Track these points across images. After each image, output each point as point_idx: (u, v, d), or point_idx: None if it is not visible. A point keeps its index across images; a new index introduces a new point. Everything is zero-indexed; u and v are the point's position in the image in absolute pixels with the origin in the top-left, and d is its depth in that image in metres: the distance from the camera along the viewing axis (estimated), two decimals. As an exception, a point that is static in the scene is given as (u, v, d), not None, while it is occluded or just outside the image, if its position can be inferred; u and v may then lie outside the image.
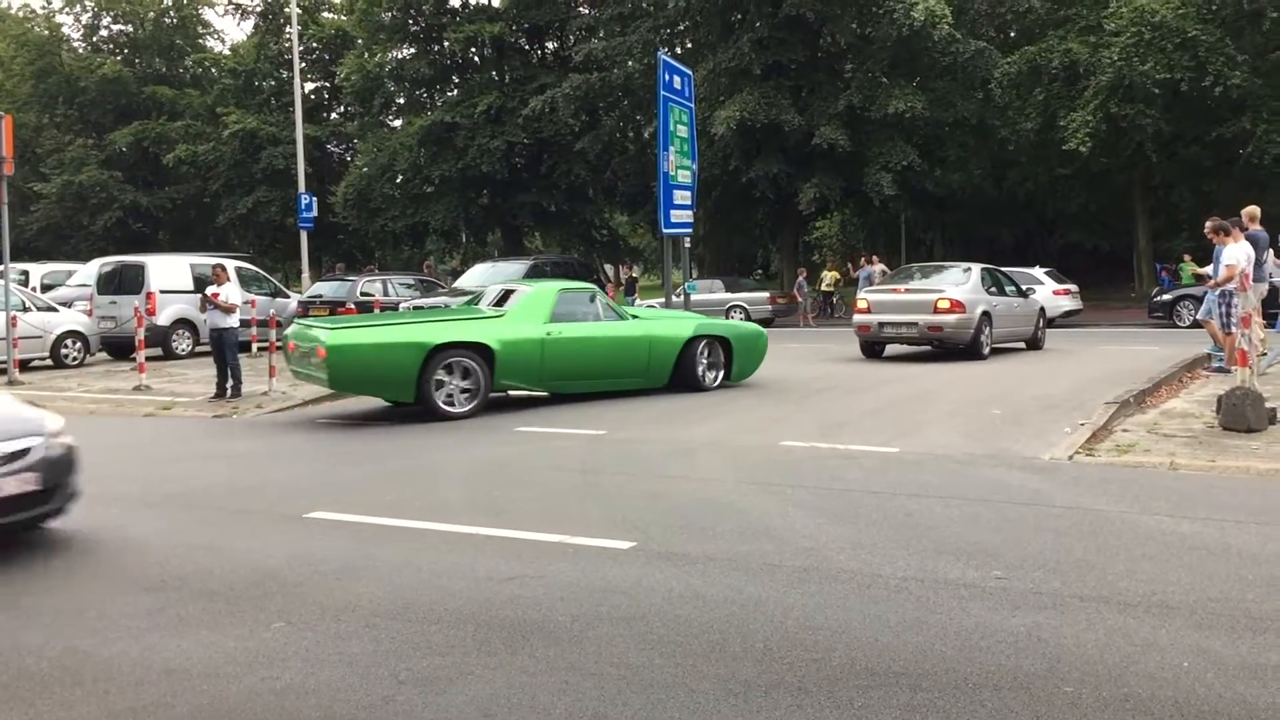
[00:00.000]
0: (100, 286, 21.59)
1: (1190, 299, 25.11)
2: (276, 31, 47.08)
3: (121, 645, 5.17)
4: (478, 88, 39.24)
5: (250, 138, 44.04)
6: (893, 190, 31.83)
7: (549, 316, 13.51)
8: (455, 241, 47.30)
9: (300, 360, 12.94)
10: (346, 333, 12.29)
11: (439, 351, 12.35)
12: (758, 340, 15.44)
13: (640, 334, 14.31)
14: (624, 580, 5.98)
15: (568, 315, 13.72)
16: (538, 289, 14.30)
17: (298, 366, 13.16)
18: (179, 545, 7.04)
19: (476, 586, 5.93)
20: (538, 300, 13.75)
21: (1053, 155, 34.27)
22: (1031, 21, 34.25)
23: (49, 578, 6.37)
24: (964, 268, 19.36)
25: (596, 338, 13.88)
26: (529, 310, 13.54)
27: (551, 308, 13.61)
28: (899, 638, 4.99)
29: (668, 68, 22.33)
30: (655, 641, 5.02)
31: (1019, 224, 41.79)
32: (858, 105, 31.88)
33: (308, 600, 5.77)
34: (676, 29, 37.35)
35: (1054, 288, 26.90)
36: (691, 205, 23.50)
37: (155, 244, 46.50)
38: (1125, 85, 29.44)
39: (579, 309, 14.01)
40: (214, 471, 9.72)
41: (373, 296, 21.21)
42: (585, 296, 14.34)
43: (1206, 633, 4.99)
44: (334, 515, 7.73)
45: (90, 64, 48.18)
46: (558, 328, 13.45)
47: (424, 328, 12.76)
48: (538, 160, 39.70)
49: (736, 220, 40.98)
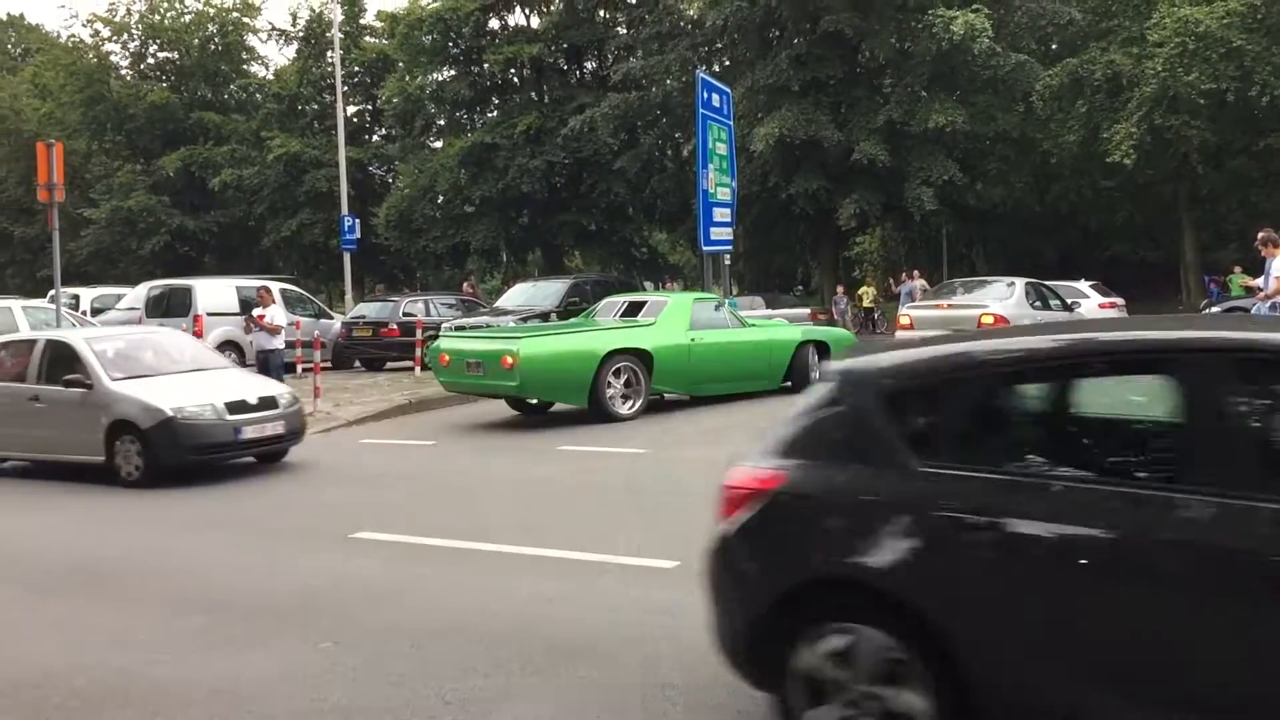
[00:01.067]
0: (149, 309, 21.86)
1: (1239, 311, 24.74)
2: (319, 56, 47.62)
3: (170, 666, 5.23)
4: (517, 108, 39.44)
5: (294, 161, 44.49)
6: (934, 205, 31.57)
7: (689, 324, 14.53)
8: (496, 261, 47.53)
9: (456, 371, 13.72)
10: (532, 341, 13.24)
11: (610, 357, 13.30)
12: (848, 344, 16.17)
13: (763, 339, 15.63)
14: (667, 600, 5.96)
15: (703, 323, 14.76)
16: (676, 299, 15.60)
17: (451, 377, 14.02)
18: (227, 566, 7.11)
19: (520, 607, 5.94)
20: (679, 309, 14.80)
21: (1096, 168, 33.89)
22: (1073, 33, 33.94)
23: (100, 599, 6.45)
24: (1008, 282, 19.18)
25: (730, 343, 14.99)
26: (675, 319, 14.50)
27: (690, 316, 14.65)
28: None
29: (706, 86, 22.36)
30: (700, 662, 4.98)
31: (1062, 237, 41.35)
32: (897, 120, 31.70)
33: (354, 620, 5.80)
34: (714, 47, 37.30)
35: (1100, 301, 26.56)
36: (731, 222, 23.48)
37: (202, 267, 46.99)
38: (1170, 96, 29.06)
39: (710, 317, 15.10)
40: (259, 492, 9.82)
41: (415, 317, 21.32)
42: (713, 305, 15.67)
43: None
44: (379, 536, 7.77)
45: (138, 91, 48.90)
46: (698, 334, 14.48)
47: (594, 335, 13.79)
48: (577, 179, 39.82)
49: (776, 237, 40.84)
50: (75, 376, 10.47)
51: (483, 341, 13.97)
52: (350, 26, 46.40)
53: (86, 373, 10.43)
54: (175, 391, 10.34)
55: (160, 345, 11.78)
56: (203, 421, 10.03)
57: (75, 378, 10.46)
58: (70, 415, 10.51)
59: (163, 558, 7.44)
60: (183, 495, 9.80)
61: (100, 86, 49.15)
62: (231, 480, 10.53)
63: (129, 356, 11.12)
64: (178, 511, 9.04)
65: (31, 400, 10.80)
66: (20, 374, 11.10)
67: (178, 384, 10.57)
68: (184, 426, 9.93)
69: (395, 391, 17.36)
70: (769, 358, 15.34)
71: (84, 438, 10.35)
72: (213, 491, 9.92)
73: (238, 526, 8.39)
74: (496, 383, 13.25)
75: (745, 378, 15.04)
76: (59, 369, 10.74)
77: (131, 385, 10.42)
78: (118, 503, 9.70)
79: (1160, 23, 29.17)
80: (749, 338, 15.42)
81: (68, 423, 10.55)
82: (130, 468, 10.13)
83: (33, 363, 10.99)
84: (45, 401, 10.72)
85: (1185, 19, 28.25)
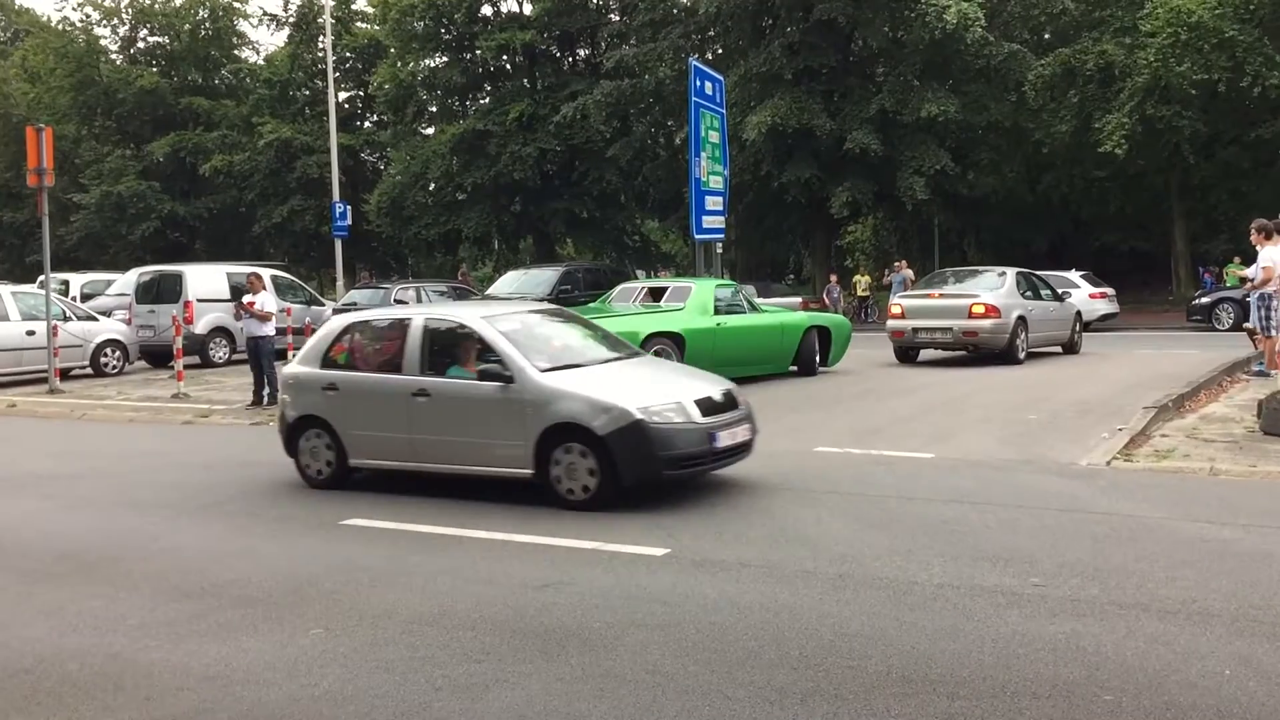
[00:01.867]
0: (139, 296, 21.82)
1: (1229, 302, 24.82)
2: (310, 41, 47.45)
3: (163, 651, 5.24)
4: (509, 95, 39.39)
5: (285, 147, 44.39)
6: (925, 194, 31.64)
7: (714, 309, 15.21)
8: (488, 248, 47.47)
9: None
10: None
11: (649, 339, 13.62)
12: (847, 330, 17.59)
13: (777, 323, 16.38)
14: (658, 587, 5.99)
15: (725, 308, 15.47)
16: (700, 284, 16.03)
17: None
18: (218, 552, 7.11)
19: (512, 593, 5.96)
20: (704, 294, 15.39)
21: (1088, 158, 33.93)
22: (1065, 23, 33.94)
23: (91, 585, 6.45)
24: (999, 272, 19.20)
25: (751, 326, 15.78)
26: (701, 303, 15.16)
27: (714, 301, 15.33)
28: (936, 645, 4.96)
29: (699, 73, 22.32)
30: (690, 649, 5.02)
31: (1053, 227, 41.42)
32: (890, 109, 31.73)
33: (345, 607, 5.81)
34: (707, 35, 37.28)
35: (1090, 291, 26.62)
36: (723, 211, 23.45)
37: (192, 253, 46.90)
38: (1161, 86, 29.11)
39: (730, 302, 15.85)
40: (251, 479, 9.81)
41: (407, 305, 21.29)
42: (732, 291, 16.49)
43: (1249, 640, 4.94)
44: (370, 522, 7.79)
45: (128, 76, 48.69)
46: (722, 318, 15.20)
47: (632, 319, 14.29)
48: (569, 167, 39.78)
49: (769, 225, 40.87)
50: (492, 366, 8.30)
51: None
52: (342, 12, 46.23)
53: (504, 361, 8.30)
54: (623, 386, 8.30)
55: (555, 329, 9.56)
56: (675, 426, 7.91)
57: (492, 368, 8.29)
58: (480, 416, 8.34)
59: (152, 543, 7.44)
60: (171, 481, 9.79)
61: (90, 71, 48.92)
62: (220, 466, 10.52)
63: (541, 340, 8.99)
64: (165, 496, 9.03)
65: (417, 396, 8.57)
66: (392, 363, 8.94)
67: (612, 376, 8.59)
68: (657, 432, 7.79)
69: (386, 378, 17.31)
70: (782, 341, 16.11)
71: (502, 445, 8.24)
72: (202, 478, 9.91)
73: (227, 513, 8.39)
74: None
75: (762, 360, 15.70)
76: (449, 356, 8.76)
77: (566, 378, 8.33)
78: (104, 489, 9.69)
79: (1153, 13, 29.20)
80: (766, 322, 16.22)
81: (475, 425, 8.39)
82: (575, 484, 7.95)
83: (410, 349, 8.77)
84: (439, 398, 8.53)
85: (1178, 9, 28.27)
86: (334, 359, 9.36)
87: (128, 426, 14.08)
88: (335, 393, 9.05)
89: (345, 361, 9.33)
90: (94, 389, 17.65)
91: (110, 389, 17.57)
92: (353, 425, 8.95)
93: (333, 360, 9.34)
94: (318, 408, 9.12)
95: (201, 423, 13.95)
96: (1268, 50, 28.14)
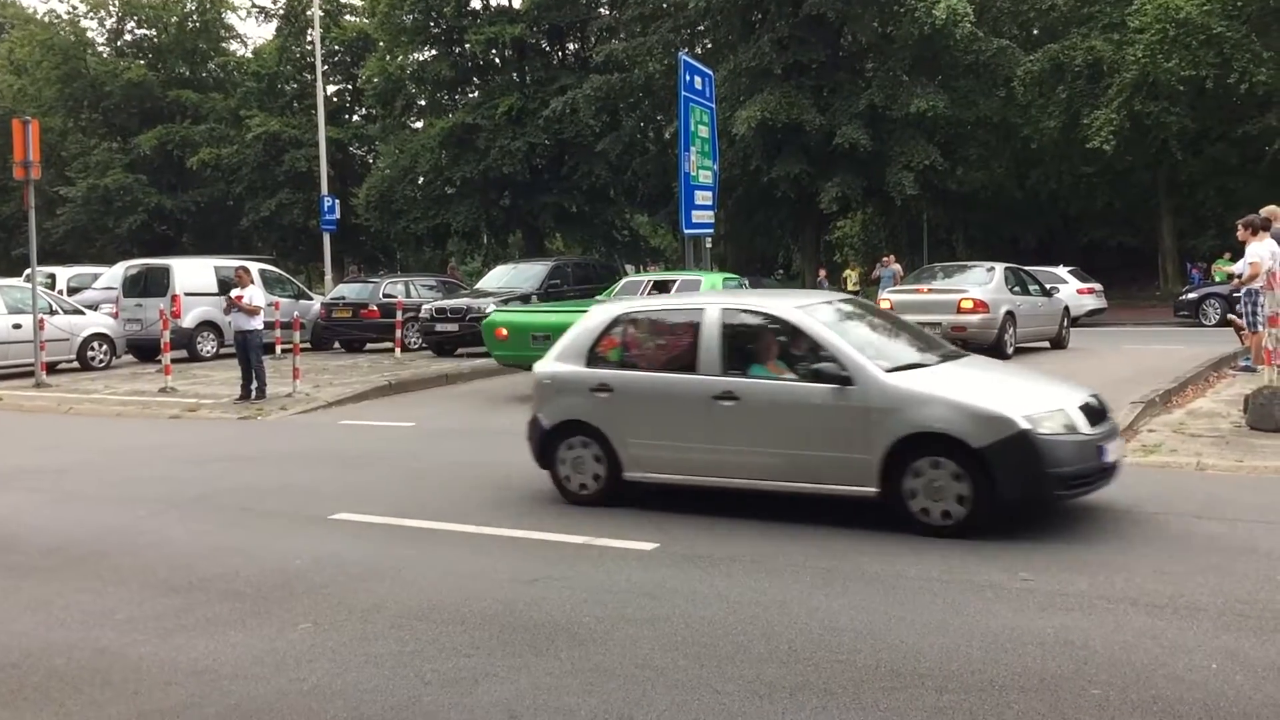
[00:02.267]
0: (126, 289, 21.72)
1: (1216, 297, 24.92)
2: (298, 34, 47.30)
3: (151, 646, 5.22)
4: (499, 89, 39.31)
5: (273, 140, 44.23)
6: (915, 190, 31.70)
7: None
8: (476, 243, 47.40)
9: (517, 344, 14.00)
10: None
11: None
12: None
13: None
14: (648, 581, 5.99)
15: None
16: (709, 277, 16.70)
17: (510, 350, 14.29)
18: (206, 547, 7.09)
19: (501, 588, 5.95)
20: (715, 287, 16.04)
21: (1076, 153, 34.03)
22: (1054, 19, 34.04)
23: (78, 579, 6.43)
24: (987, 267, 19.25)
25: None
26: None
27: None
28: (924, 639, 4.97)
29: (688, 68, 22.32)
30: (680, 643, 5.02)
31: (1042, 223, 41.54)
32: (879, 104, 31.76)
33: (334, 601, 5.80)
34: (697, 29, 37.26)
35: (1078, 286, 26.72)
36: (713, 205, 23.48)
37: (179, 247, 46.74)
38: (1149, 82, 29.21)
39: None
40: (239, 473, 9.78)
41: (395, 298, 21.25)
42: (736, 284, 17.11)
43: (1235, 634, 4.96)
44: (359, 517, 7.77)
45: (115, 68, 48.45)
46: None
47: None
48: (559, 161, 39.73)
49: (758, 220, 40.91)
50: (825, 365, 7.20)
51: (551, 315, 14.35)
52: (330, 4, 46.05)
53: (839, 359, 7.17)
54: (991, 389, 7.26)
55: (866, 322, 8.29)
56: (1064, 438, 6.76)
57: (826, 367, 7.18)
58: (808, 425, 7.23)
59: (139, 538, 7.41)
60: (159, 476, 9.76)
61: (76, 63, 48.64)
62: (209, 461, 10.49)
63: (863, 336, 7.80)
64: (153, 491, 9.00)
65: (721, 400, 7.38)
66: (682, 360, 7.78)
67: (967, 377, 7.50)
68: (1046, 445, 6.64)
69: (375, 373, 17.32)
70: None
71: (837, 458, 7.11)
72: (190, 473, 9.88)
73: (216, 507, 8.37)
74: None
75: None
76: (751, 353, 7.68)
77: (917, 379, 7.20)
78: (92, 483, 9.65)
79: (1141, 9, 29.27)
80: None
81: (800, 435, 7.24)
82: (936, 506, 6.81)
83: (706, 344, 7.59)
84: (750, 403, 7.35)
85: (1166, 6, 28.36)
86: (603, 356, 8.18)
87: (115, 421, 14.03)
88: (608, 395, 7.86)
89: (619, 359, 8.17)
90: (81, 383, 17.58)
91: (97, 383, 17.50)
92: (632, 433, 7.77)
93: (601, 357, 8.17)
94: (584, 412, 7.96)
95: (189, 417, 13.90)
96: (1255, 47, 28.24)
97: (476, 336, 19.52)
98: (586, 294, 20.78)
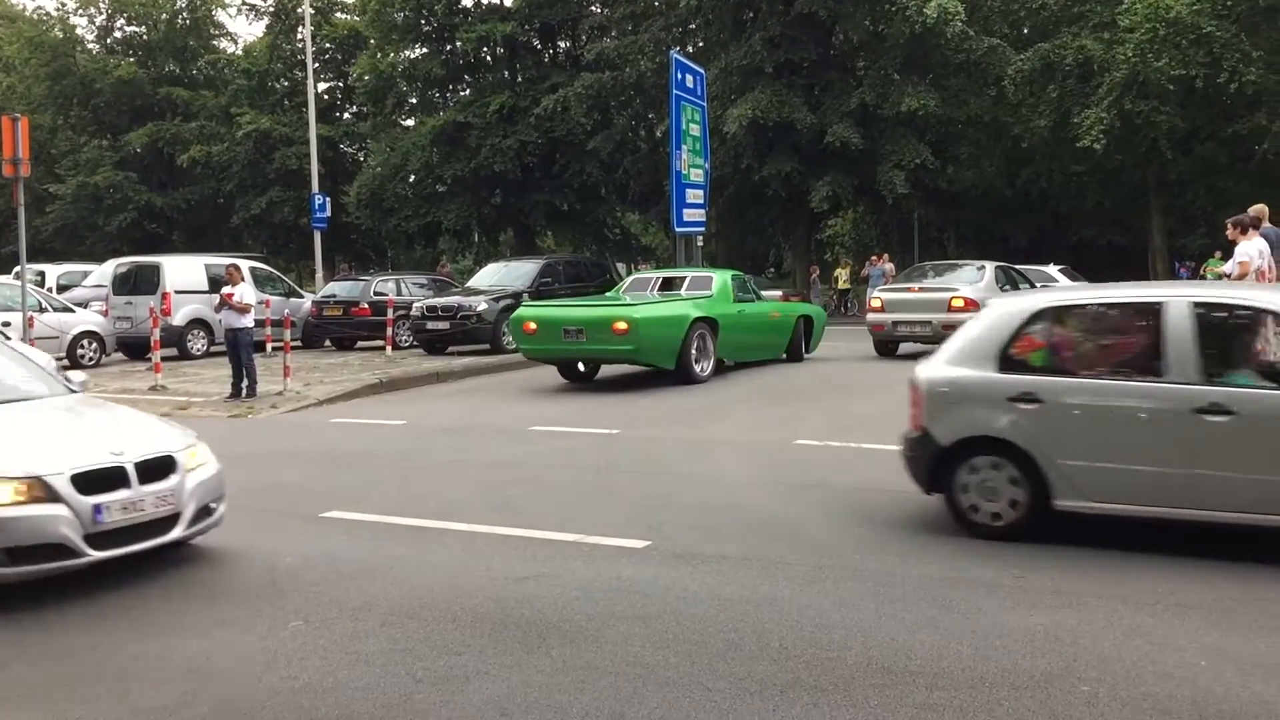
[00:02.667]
0: (116, 287, 21.65)
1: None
2: (289, 32, 47.19)
3: (142, 644, 5.21)
4: (490, 87, 39.28)
5: (264, 138, 44.13)
6: (906, 188, 31.75)
7: (734, 296, 16.08)
8: (468, 241, 47.35)
9: (546, 339, 14.62)
10: (640, 309, 14.43)
11: (694, 324, 14.71)
12: (824, 319, 18.92)
13: (781, 311, 17.83)
14: (639, 579, 5.99)
15: (741, 296, 16.37)
16: (720, 274, 16.80)
17: (538, 344, 14.88)
18: (197, 545, 7.07)
19: (492, 585, 5.95)
20: (725, 282, 16.27)
21: (1066, 152, 34.08)
22: (1045, 18, 34.08)
23: (68, 577, 6.40)
24: (978, 266, 19.29)
25: (762, 313, 16.91)
26: (725, 291, 16.03)
27: (733, 289, 16.23)
28: (915, 636, 4.99)
29: (680, 66, 22.34)
30: (671, 640, 5.03)
31: (1032, 221, 41.65)
32: (870, 103, 31.80)
33: (325, 599, 5.80)
34: (688, 27, 37.25)
35: (1068, 285, 26.80)
36: (704, 204, 23.50)
37: (170, 244, 46.62)
38: (1140, 82, 29.25)
39: (744, 290, 16.78)
40: (230, 471, 9.72)
41: (386, 296, 21.22)
42: (744, 280, 17.45)
43: (1224, 632, 4.99)
44: (350, 515, 7.77)
45: (105, 65, 48.28)
46: (741, 306, 16.13)
47: (681, 304, 15.13)
48: (550, 159, 39.70)
49: (749, 218, 40.93)
50: None
51: (580, 309, 14.95)
52: (321, 2, 45.96)
53: None
54: None
55: None
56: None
57: None
58: None
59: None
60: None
61: (66, 60, 48.47)
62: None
63: None
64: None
65: (1205, 414, 6.04)
66: (1138, 364, 6.55)
67: None
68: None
69: (366, 371, 17.29)
70: (784, 329, 17.32)
71: None
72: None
73: (207, 505, 8.34)
74: (605, 347, 14.38)
75: (769, 346, 17.02)
76: (1233, 355, 6.55)
77: None
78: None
79: (1131, 8, 29.32)
80: (771, 310, 17.51)
81: None
82: None
83: (1175, 344, 6.24)
84: (1252, 419, 5.98)
85: (1156, 5, 28.42)
86: (1021, 359, 6.90)
87: (105, 419, 13.96)
88: (1035, 407, 6.57)
89: (1045, 363, 6.90)
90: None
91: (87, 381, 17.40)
92: (1069, 453, 6.48)
93: (1019, 361, 6.89)
94: (1000, 427, 6.68)
95: (179, 415, 13.84)
96: (1245, 46, 28.33)
97: (467, 335, 19.61)
98: (577, 292, 20.78)
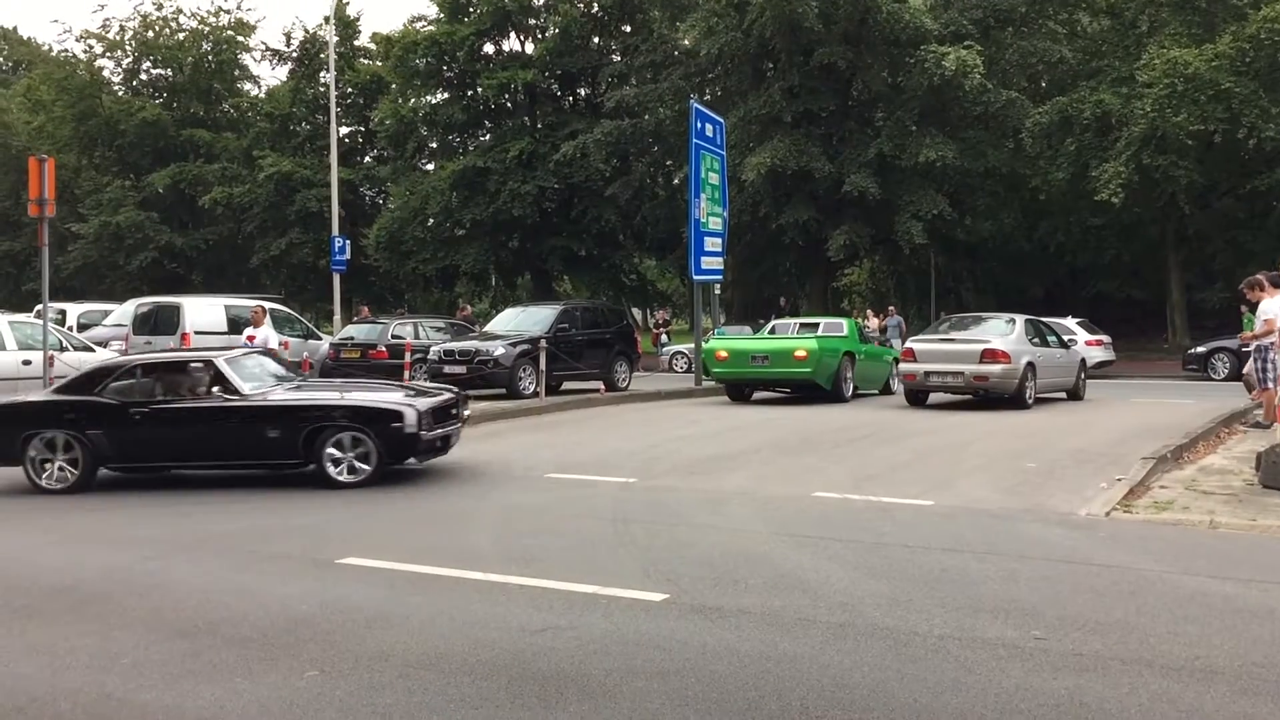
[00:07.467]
0: (136, 326, 21.78)
1: (1225, 351, 24.90)
2: (312, 76, 47.81)
3: (156, 691, 5.17)
4: (510, 133, 39.64)
5: (285, 180, 44.55)
6: (923, 239, 31.83)
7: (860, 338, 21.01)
8: (485, 285, 47.58)
9: (736, 364, 19.49)
10: (814, 340, 19.24)
11: (846, 354, 19.52)
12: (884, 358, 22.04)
13: (878, 353, 21.86)
14: (657, 633, 5.93)
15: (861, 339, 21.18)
16: (848, 322, 21.77)
17: (729, 369, 19.69)
18: (212, 590, 7.04)
19: (509, 637, 5.90)
20: (853, 327, 21.10)
21: (1084, 206, 34.15)
22: (1063, 72, 34.30)
23: (83, 622, 6.38)
24: (1008, 318, 19.33)
25: (872, 352, 21.25)
26: (853, 333, 20.74)
27: (857, 333, 21.22)
28: (938, 699, 4.91)
29: (700, 115, 22.48)
30: (690, 698, 4.96)
31: (1050, 274, 41.63)
32: (888, 153, 31.97)
33: (341, 649, 5.75)
34: (708, 77, 37.62)
35: (1087, 338, 26.72)
36: (722, 252, 23.56)
37: (189, 284, 46.93)
38: (1158, 136, 29.35)
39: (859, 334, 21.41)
40: (247, 514, 9.74)
41: (403, 340, 21.28)
42: (858, 327, 21.86)
43: (1253, 699, 4.89)
44: (366, 561, 7.72)
45: (130, 107, 48.91)
46: (865, 346, 20.87)
47: (835, 341, 19.77)
48: (568, 205, 39.96)
49: (765, 266, 41.04)
50: None
51: (763, 341, 20.44)
52: (345, 48, 46.56)
53: None
54: None
55: None
56: None
57: None
58: None
59: (146, 580, 7.37)
60: (164, 515, 9.72)
61: (92, 102, 49.14)
62: (214, 501, 10.46)
63: None
64: (159, 532, 8.96)
65: None
66: None
67: None
68: None
69: (382, 414, 17.25)
70: (886, 366, 21.43)
71: None
72: (195, 512, 9.85)
73: (222, 549, 8.32)
74: (785, 370, 19.09)
75: (877, 379, 21.08)
76: None
77: None
78: (97, 523, 9.61)
79: (1150, 63, 29.48)
80: (879, 352, 21.86)
81: None
82: None
83: None
84: None
85: (1174, 60, 28.55)
86: None
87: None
88: None
89: None
90: (88, 420, 17.52)
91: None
92: None
93: None
94: None
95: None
96: (1263, 103, 28.41)
97: (484, 379, 19.60)
98: (593, 340, 20.84)
